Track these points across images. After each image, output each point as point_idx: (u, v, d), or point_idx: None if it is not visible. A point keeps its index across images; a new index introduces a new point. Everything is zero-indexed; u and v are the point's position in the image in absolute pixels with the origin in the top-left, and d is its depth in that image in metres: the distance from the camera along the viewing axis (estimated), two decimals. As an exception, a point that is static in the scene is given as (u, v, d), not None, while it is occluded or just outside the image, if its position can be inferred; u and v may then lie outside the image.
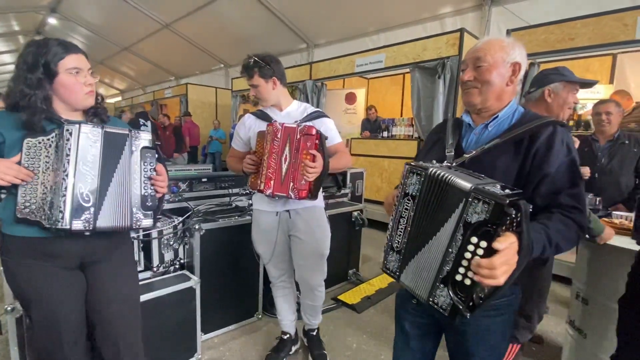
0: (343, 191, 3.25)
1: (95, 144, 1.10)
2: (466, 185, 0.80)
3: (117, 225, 1.15)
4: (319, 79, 5.76)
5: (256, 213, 1.83)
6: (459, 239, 0.81)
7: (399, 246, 0.96)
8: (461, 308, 0.81)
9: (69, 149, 1.06)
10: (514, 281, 1.01)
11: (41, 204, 1.08)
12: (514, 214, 0.72)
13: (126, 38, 9.63)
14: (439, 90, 4.14)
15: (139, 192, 1.19)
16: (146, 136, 1.23)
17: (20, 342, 1.50)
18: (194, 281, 1.89)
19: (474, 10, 5.17)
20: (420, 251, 0.91)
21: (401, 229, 0.95)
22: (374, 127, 5.92)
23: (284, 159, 1.57)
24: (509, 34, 3.79)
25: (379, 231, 4.40)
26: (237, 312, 2.31)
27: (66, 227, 1.05)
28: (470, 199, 0.78)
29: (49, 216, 1.06)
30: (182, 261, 2.08)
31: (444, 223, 0.85)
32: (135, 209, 1.18)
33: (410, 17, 5.78)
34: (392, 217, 0.97)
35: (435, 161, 0.96)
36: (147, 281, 1.85)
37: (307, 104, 1.87)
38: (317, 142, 1.54)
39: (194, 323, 1.93)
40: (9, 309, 1.46)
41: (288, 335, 2.03)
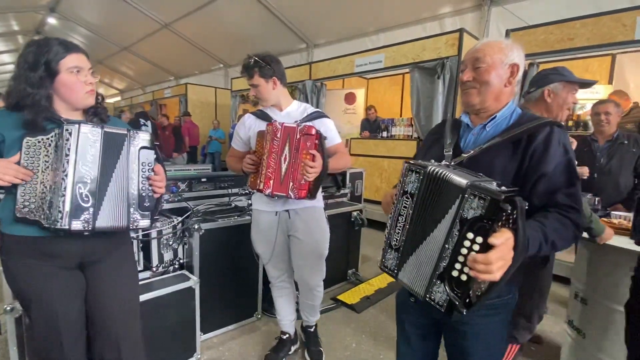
0: (342, 191, 3.25)
1: (95, 144, 1.10)
2: (462, 181, 0.82)
3: (115, 226, 1.15)
4: (318, 79, 5.76)
5: (255, 213, 1.83)
6: (456, 234, 0.81)
7: (397, 244, 0.96)
8: (457, 304, 0.81)
9: (69, 149, 1.06)
10: (511, 281, 1.02)
11: (40, 203, 1.08)
12: (510, 209, 0.73)
13: (125, 38, 9.62)
14: (439, 90, 4.14)
15: (136, 192, 1.19)
16: (145, 136, 1.22)
17: (19, 342, 1.50)
18: (193, 281, 1.89)
19: (473, 11, 5.18)
20: (418, 248, 0.91)
21: (400, 226, 0.95)
22: (373, 127, 5.92)
23: (283, 159, 1.57)
24: (508, 34, 3.79)
25: (378, 231, 4.40)
26: (236, 312, 2.31)
27: (65, 227, 1.05)
28: (466, 195, 0.79)
29: (48, 216, 1.06)
30: (181, 261, 2.08)
31: (441, 219, 0.85)
32: (132, 209, 1.18)
33: (410, 17, 5.79)
34: (390, 216, 0.98)
35: (433, 160, 0.96)
36: (146, 281, 1.85)
37: (307, 104, 1.87)
38: (316, 142, 1.55)
39: (193, 323, 1.93)
40: (8, 308, 1.46)
41: (287, 335, 2.03)
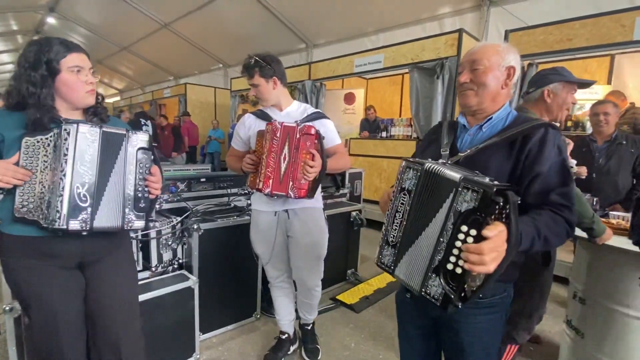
0: (342, 191, 3.25)
1: (93, 144, 1.10)
2: (456, 175, 0.84)
3: (110, 226, 1.15)
4: (318, 79, 5.76)
5: (255, 213, 1.83)
6: (450, 228, 0.83)
7: (394, 240, 0.97)
8: (453, 298, 0.82)
9: (67, 149, 1.06)
10: (506, 279, 1.02)
11: (39, 203, 1.08)
12: (502, 202, 0.74)
13: (125, 38, 9.62)
14: (438, 90, 4.15)
15: (132, 193, 1.19)
16: (144, 137, 1.22)
17: (18, 342, 1.50)
18: (192, 281, 1.90)
19: (472, 11, 5.19)
20: (414, 244, 0.92)
21: (397, 223, 0.96)
22: (372, 127, 5.91)
23: (283, 158, 1.57)
24: (507, 34, 3.80)
25: (377, 231, 4.40)
26: (235, 312, 2.31)
27: (63, 226, 1.05)
28: (459, 188, 0.81)
29: (46, 216, 1.06)
30: (180, 261, 2.08)
31: (436, 214, 0.87)
32: (127, 210, 1.18)
33: (409, 17, 5.80)
34: (387, 213, 0.99)
35: (430, 159, 0.98)
36: (145, 281, 1.85)
37: (307, 104, 1.87)
38: (316, 141, 1.55)
39: (193, 323, 1.93)
40: (7, 308, 1.46)
41: (286, 335, 2.03)
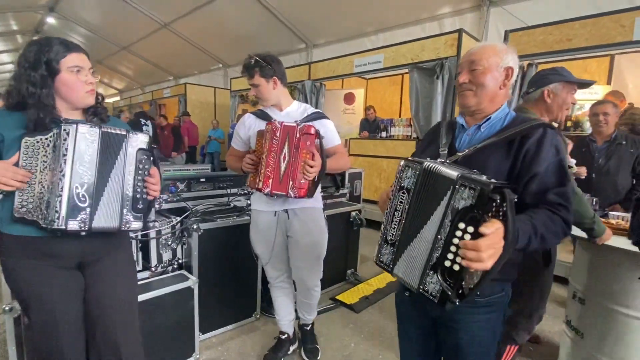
0: (341, 191, 3.25)
1: (93, 144, 1.10)
2: (453, 173, 0.84)
3: (107, 226, 1.15)
4: (317, 79, 5.76)
5: (254, 213, 1.83)
6: (448, 225, 0.83)
7: (393, 239, 0.97)
8: (450, 294, 0.82)
9: (66, 149, 1.06)
10: (504, 278, 1.03)
11: (38, 203, 1.08)
12: (499, 200, 0.75)
13: (125, 38, 9.62)
14: (438, 90, 4.15)
15: (131, 194, 1.19)
16: (144, 138, 1.22)
17: (18, 342, 1.50)
18: (192, 281, 1.90)
19: (472, 11, 5.19)
20: (412, 242, 0.93)
21: (396, 222, 0.97)
22: (372, 127, 5.91)
23: (282, 158, 1.57)
24: (507, 34, 3.80)
25: (377, 231, 4.37)
26: (235, 312, 2.31)
27: (62, 227, 1.05)
28: (457, 185, 0.82)
29: (45, 216, 1.06)
30: (180, 261, 2.08)
31: (434, 211, 0.88)
32: (125, 211, 1.18)
33: (409, 17, 5.80)
34: (386, 211, 0.99)
35: (429, 158, 0.98)
36: (145, 281, 1.85)
37: (307, 104, 1.87)
38: (316, 141, 1.55)
39: (192, 323, 1.93)
40: (7, 308, 1.46)
41: (286, 335, 2.03)
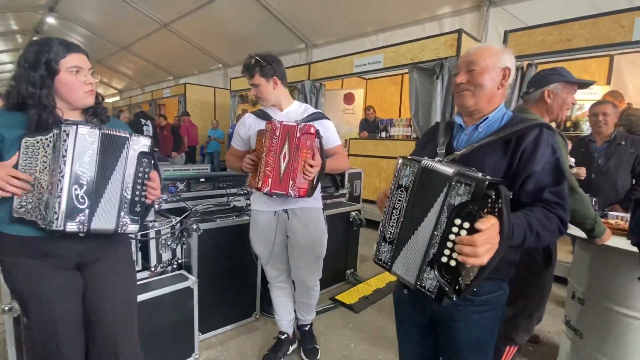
0: (341, 191, 3.25)
1: (92, 145, 1.10)
2: (450, 170, 0.85)
3: (104, 228, 1.15)
4: (317, 79, 5.76)
5: (254, 213, 1.83)
6: (444, 221, 0.84)
7: (391, 237, 0.98)
8: (447, 290, 0.83)
9: (66, 150, 1.05)
10: (503, 277, 1.03)
11: (37, 203, 1.08)
12: (494, 196, 0.76)
13: (124, 38, 9.61)
14: (437, 90, 4.14)
15: (130, 197, 1.18)
16: (146, 142, 1.21)
17: (17, 341, 1.50)
18: (191, 281, 1.90)
19: (472, 11, 5.19)
20: (410, 239, 0.94)
21: (394, 220, 0.97)
22: (372, 127, 5.92)
23: (282, 157, 1.57)
24: (506, 35, 3.80)
25: (376, 231, 4.37)
26: (234, 312, 2.31)
27: (60, 228, 1.05)
28: (453, 182, 0.83)
29: (44, 216, 1.06)
30: (179, 261, 2.08)
31: (431, 208, 0.88)
32: (123, 213, 1.17)
33: (409, 17, 5.80)
34: (385, 210, 1.00)
35: (427, 157, 0.98)
36: (144, 281, 1.85)
37: (307, 104, 1.87)
38: (316, 140, 1.55)
39: (192, 323, 1.93)
40: (6, 308, 1.45)
41: (286, 335, 2.03)
